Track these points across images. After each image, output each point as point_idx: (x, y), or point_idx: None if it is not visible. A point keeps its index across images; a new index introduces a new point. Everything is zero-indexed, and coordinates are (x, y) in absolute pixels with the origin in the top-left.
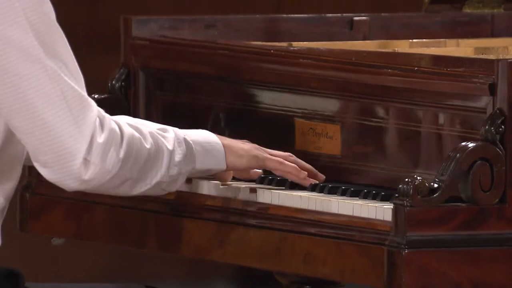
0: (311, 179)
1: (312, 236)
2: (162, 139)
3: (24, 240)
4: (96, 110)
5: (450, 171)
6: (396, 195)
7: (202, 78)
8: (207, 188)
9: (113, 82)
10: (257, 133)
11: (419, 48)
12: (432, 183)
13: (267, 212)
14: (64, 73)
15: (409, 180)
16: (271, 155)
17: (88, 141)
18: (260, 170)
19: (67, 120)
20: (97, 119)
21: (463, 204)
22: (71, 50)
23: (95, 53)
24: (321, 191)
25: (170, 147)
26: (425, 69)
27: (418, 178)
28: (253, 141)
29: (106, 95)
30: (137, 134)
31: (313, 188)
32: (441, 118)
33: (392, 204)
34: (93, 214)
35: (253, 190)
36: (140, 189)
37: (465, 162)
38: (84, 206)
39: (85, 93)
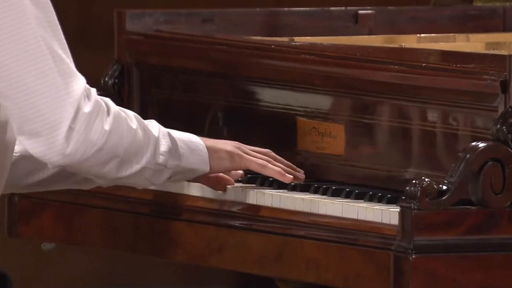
0: (291, 176)
1: (314, 241)
2: (148, 126)
3: (13, 245)
4: (83, 81)
5: (460, 172)
6: (403, 197)
7: (199, 74)
8: (204, 190)
9: (106, 79)
10: (257, 132)
11: (427, 43)
12: (440, 185)
13: (267, 215)
14: (53, 43)
15: (417, 182)
16: (252, 152)
17: (75, 109)
18: (241, 172)
19: (56, 85)
20: (84, 90)
21: (473, 207)
22: None
23: (88, 49)
24: (324, 193)
25: (156, 134)
26: (434, 66)
27: (426, 179)
28: (253, 141)
29: (98, 93)
30: (123, 113)
31: (316, 190)
32: (450, 117)
33: (399, 207)
34: (85, 217)
35: (253, 193)
36: (126, 171)
37: (476, 163)
38: (75, 209)
39: (73, 66)
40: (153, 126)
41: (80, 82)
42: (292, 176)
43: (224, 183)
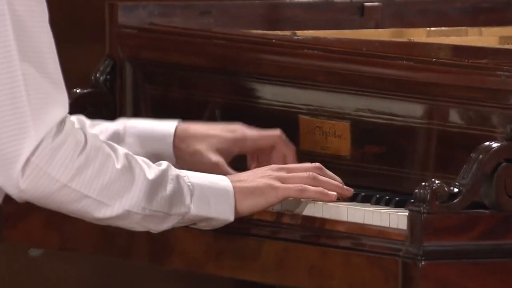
0: (334, 193)
1: (318, 246)
2: (144, 166)
3: None
4: (62, 111)
5: (472, 174)
6: (412, 200)
7: (195, 70)
8: None
9: (97, 75)
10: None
11: (438, 38)
12: (452, 188)
13: (268, 219)
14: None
15: (426, 184)
16: (293, 172)
17: (38, 141)
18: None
19: (20, 112)
20: (59, 121)
21: (486, 211)
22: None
23: (77, 43)
24: None
25: (150, 176)
26: (444, 61)
27: (436, 182)
28: None
29: (89, 90)
30: (108, 150)
31: None
32: (462, 115)
33: (407, 211)
34: (76, 222)
35: None
36: (105, 213)
37: (489, 164)
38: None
39: (57, 90)
40: (154, 168)
41: (56, 112)
42: (335, 193)
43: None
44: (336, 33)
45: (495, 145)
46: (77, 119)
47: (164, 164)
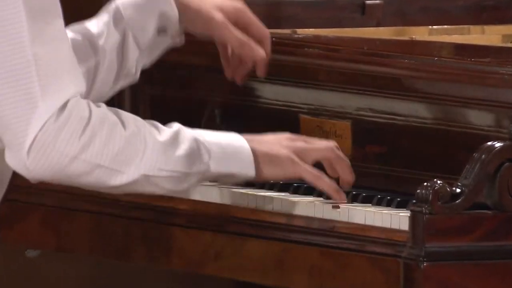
0: (344, 195)
1: (318, 247)
2: (153, 128)
3: None
4: (74, 91)
5: (475, 174)
6: (414, 201)
7: (195, 70)
8: (201, 193)
9: None
10: (256, 131)
11: (440, 36)
12: (454, 188)
13: (268, 220)
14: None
15: (428, 184)
16: (311, 152)
17: (46, 119)
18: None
19: (29, 92)
20: (64, 102)
21: (489, 211)
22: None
23: None
24: (329, 197)
25: (161, 138)
26: (446, 60)
27: (439, 182)
28: None
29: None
30: (114, 118)
31: (319, 193)
32: (464, 115)
33: (409, 212)
34: (73, 222)
35: (252, 196)
36: (121, 180)
37: (491, 164)
38: (63, 213)
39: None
40: (166, 131)
41: (65, 91)
42: (344, 196)
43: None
44: (337, 31)
45: (498, 145)
46: (82, 32)
47: (176, 125)
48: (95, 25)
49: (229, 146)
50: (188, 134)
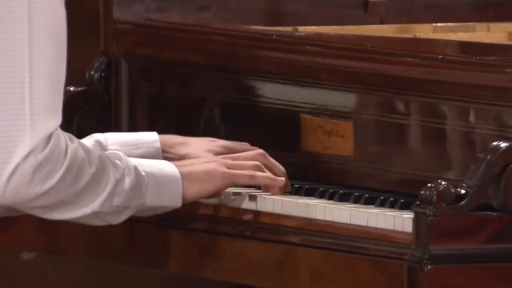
0: (282, 178)
1: (320, 250)
2: (112, 165)
3: None
4: (56, 123)
5: (480, 175)
6: (417, 202)
7: (194, 68)
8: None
9: (92, 72)
10: (256, 131)
11: (444, 34)
12: (458, 189)
13: (268, 222)
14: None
15: (432, 185)
16: (238, 160)
17: (30, 148)
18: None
19: (20, 115)
20: (50, 134)
21: (495, 213)
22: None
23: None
24: (330, 198)
25: (118, 175)
26: (451, 58)
27: (443, 183)
28: (252, 141)
29: (83, 88)
30: (82, 153)
31: (321, 194)
32: (470, 114)
33: (413, 213)
34: (69, 224)
35: (252, 197)
36: (72, 215)
37: (497, 164)
38: None
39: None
40: (118, 164)
41: (52, 121)
42: (283, 179)
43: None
44: (339, 29)
45: (503, 145)
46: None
47: (122, 156)
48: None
49: (162, 177)
50: (131, 165)
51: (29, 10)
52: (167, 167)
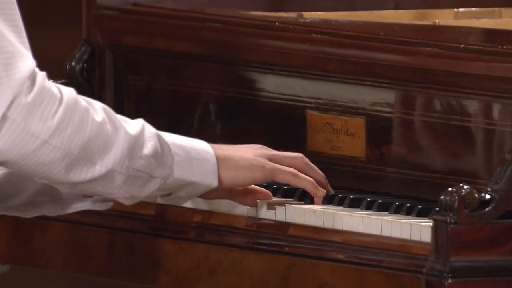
0: (324, 191)
1: (328, 262)
2: (122, 122)
3: None
4: (31, 63)
5: (507, 178)
6: (437, 209)
7: (186, 58)
8: (192, 200)
9: (73, 63)
10: (257, 129)
11: (466, 20)
12: (483, 194)
13: (271, 231)
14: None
15: (454, 189)
16: (282, 158)
17: (13, 95)
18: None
19: None
20: (30, 74)
21: None
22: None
23: (49, 26)
24: (340, 203)
25: (132, 131)
26: (474, 47)
27: (465, 187)
28: (252, 140)
29: (63, 80)
30: (84, 103)
31: (330, 200)
32: (495, 110)
33: (432, 221)
34: (47, 234)
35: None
36: (86, 174)
37: None
38: (35, 223)
39: (23, 45)
40: (133, 123)
41: (26, 64)
42: (325, 191)
43: (255, 196)
44: (349, 15)
45: None
46: None
47: (139, 120)
48: None
49: (192, 150)
50: (152, 131)
51: None
52: (198, 142)
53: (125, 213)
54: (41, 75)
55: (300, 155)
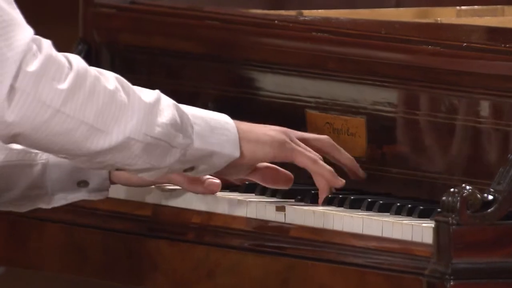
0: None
1: (328, 264)
2: (136, 90)
3: None
4: (30, 32)
5: (510, 178)
6: (439, 210)
7: (185, 57)
8: (189, 200)
9: None
10: None
11: (469, 18)
12: (485, 195)
13: (270, 232)
14: None
15: (456, 190)
16: (306, 140)
17: (17, 64)
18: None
19: None
20: (31, 41)
21: None
22: None
23: (45, 24)
24: (340, 204)
25: (148, 99)
26: (477, 46)
27: (468, 187)
28: None
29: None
30: (94, 72)
31: (330, 201)
32: (498, 110)
33: (433, 222)
34: (42, 235)
35: (252, 204)
36: (104, 143)
37: None
38: (31, 224)
39: (17, 15)
40: (149, 92)
41: (24, 32)
42: (344, 181)
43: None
44: (350, 13)
45: None
46: None
47: (156, 91)
48: None
49: (212, 120)
50: (170, 101)
51: None
52: (218, 114)
53: (122, 214)
54: (47, 43)
55: (326, 136)
